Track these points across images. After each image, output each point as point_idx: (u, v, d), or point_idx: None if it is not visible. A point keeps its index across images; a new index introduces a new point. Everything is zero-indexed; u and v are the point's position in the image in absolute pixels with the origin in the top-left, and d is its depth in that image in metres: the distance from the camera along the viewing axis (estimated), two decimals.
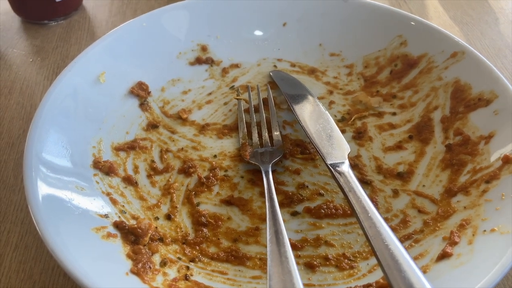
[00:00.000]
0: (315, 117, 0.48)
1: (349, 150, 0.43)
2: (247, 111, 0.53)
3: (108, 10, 0.74)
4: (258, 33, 0.60)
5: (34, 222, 0.34)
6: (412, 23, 0.54)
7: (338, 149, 0.43)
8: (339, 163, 0.41)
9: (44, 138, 0.41)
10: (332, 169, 0.40)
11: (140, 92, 0.52)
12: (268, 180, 0.42)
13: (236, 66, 0.59)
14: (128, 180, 0.44)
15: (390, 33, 0.56)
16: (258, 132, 0.50)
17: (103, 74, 0.50)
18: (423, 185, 0.44)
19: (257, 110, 0.53)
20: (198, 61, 0.58)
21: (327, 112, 0.49)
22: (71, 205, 0.37)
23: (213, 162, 0.47)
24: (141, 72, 0.53)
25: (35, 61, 0.63)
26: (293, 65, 0.59)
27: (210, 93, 0.56)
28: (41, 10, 0.68)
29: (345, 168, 0.40)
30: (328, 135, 0.45)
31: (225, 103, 0.54)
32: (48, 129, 0.42)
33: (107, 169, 0.43)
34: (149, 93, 0.53)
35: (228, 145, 0.49)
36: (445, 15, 0.71)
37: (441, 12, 0.72)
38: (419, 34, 0.54)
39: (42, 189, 0.36)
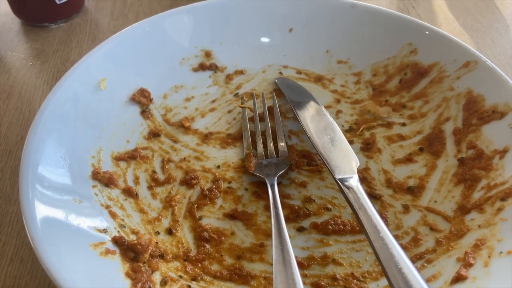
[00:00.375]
0: (322, 128, 0.46)
1: (358, 164, 0.41)
2: (251, 119, 0.52)
3: (110, 13, 0.72)
4: (263, 39, 0.59)
5: (29, 238, 0.33)
6: (422, 31, 0.53)
7: (346, 162, 0.41)
8: (348, 177, 0.39)
9: (42, 148, 0.39)
10: (340, 183, 0.39)
11: (141, 99, 0.50)
12: (274, 194, 0.40)
13: (241, 72, 0.57)
14: (128, 192, 0.42)
15: (399, 40, 0.54)
16: (263, 142, 0.48)
17: (104, 80, 0.48)
18: (435, 201, 0.42)
19: (262, 118, 0.51)
20: (202, 67, 0.56)
21: (334, 122, 0.47)
22: (68, 220, 0.36)
23: (216, 173, 0.45)
24: (143, 78, 0.52)
25: (34, 65, 0.62)
26: (299, 72, 0.57)
27: (213, 101, 0.54)
28: (41, 12, 0.67)
29: (354, 182, 0.39)
30: (336, 147, 0.43)
31: (229, 111, 0.53)
32: (46, 139, 0.40)
33: (106, 180, 0.42)
34: (151, 100, 0.51)
35: (232, 155, 0.48)
36: (455, 22, 0.70)
37: (450, 19, 0.70)
38: (430, 42, 0.52)
39: (38, 204, 0.35)
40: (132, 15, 0.72)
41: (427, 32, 0.52)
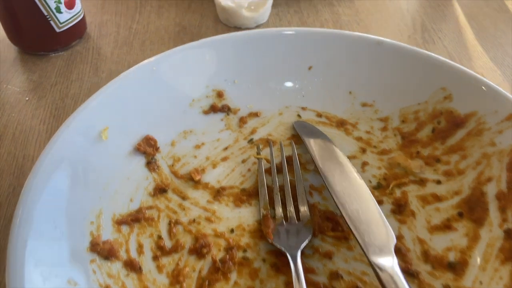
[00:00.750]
0: (350, 189, 0.41)
1: (395, 241, 0.36)
2: (268, 171, 0.47)
3: (113, 40, 0.67)
4: (280, 76, 0.54)
5: None
6: (457, 75, 0.48)
7: (381, 239, 0.36)
8: (383, 258, 0.34)
9: (32, 218, 0.34)
10: (374, 265, 0.34)
11: (147, 148, 0.46)
12: (297, 272, 0.35)
13: (256, 114, 0.52)
14: (131, 265, 0.37)
15: (431, 84, 0.49)
16: (281, 200, 0.43)
17: (106, 129, 0.43)
18: (480, 282, 0.37)
19: (279, 170, 0.46)
20: (213, 109, 0.51)
21: (363, 181, 0.42)
22: None
23: (230, 239, 0.40)
24: (149, 124, 0.47)
25: (31, 101, 0.57)
26: (319, 115, 0.52)
27: (226, 148, 0.49)
28: (40, 40, 0.62)
29: (390, 263, 0.34)
30: (368, 218, 0.38)
31: (243, 161, 0.48)
32: (37, 206, 0.35)
33: (106, 253, 0.37)
34: (157, 149, 0.46)
35: (246, 215, 0.43)
36: (485, 56, 0.64)
37: (480, 52, 0.65)
38: (467, 88, 0.47)
39: None
40: (137, 43, 0.67)
41: (461, 77, 0.47)
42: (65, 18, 0.61)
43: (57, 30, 0.61)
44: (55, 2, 0.59)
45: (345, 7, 0.75)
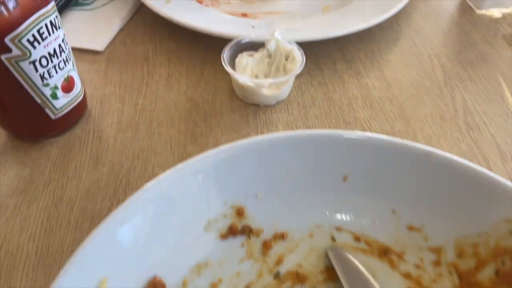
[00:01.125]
0: None
1: None
2: None
3: (117, 121, 0.60)
4: (309, 188, 0.46)
5: None
6: None
7: None
8: None
9: None
10: None
11: None
12: None
13: (281, 236, 0.44)
14: None
15: (492, 212, 0.41)
16: None
17: (105, 281, 0.35)
18: None
19: None
20: (232, 231, 0.44)
21: None
22: None
23: None
24: (156, 263, 0.39)
25: (19, 207, 0.49)
26: (357, 239, 0.44)
27: (247, 287, 0.41)
28: (32, 128, 0.55)
29: None
30: None
31: None
32: None
33: None
34: None
35: None
36: None
37: None
38: None
39: None
40: (143, 124, 0.59)
41: None
42: (62, 103, 0.54)
43: (53, 117, 0.54)
44: (50, 88, 0.51)
45: (375, 79, 0.67)
